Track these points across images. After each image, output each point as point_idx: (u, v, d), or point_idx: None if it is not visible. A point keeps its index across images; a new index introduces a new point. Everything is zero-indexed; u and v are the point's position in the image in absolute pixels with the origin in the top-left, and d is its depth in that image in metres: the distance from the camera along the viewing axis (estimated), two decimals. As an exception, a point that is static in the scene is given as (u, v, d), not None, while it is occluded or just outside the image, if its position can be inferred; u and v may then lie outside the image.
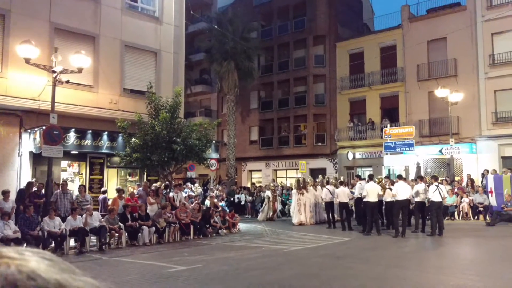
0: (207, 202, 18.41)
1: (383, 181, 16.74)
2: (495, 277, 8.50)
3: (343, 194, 16.83)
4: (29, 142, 16.36)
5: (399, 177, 15.71)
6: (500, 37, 24.95)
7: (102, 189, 16.86)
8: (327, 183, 19.80)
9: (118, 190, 15.37)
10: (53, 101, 13.50)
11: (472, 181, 22.00)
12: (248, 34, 31.58)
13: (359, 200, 16.74)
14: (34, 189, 14.39)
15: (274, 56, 34.78)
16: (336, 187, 17.96)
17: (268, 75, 35.08)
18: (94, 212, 13.35)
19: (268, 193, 22.01)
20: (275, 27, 34.97)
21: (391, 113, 29.06)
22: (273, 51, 34.69)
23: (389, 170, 24.22)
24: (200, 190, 22.11)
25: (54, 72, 13.37)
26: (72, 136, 16.30)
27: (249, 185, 30.63)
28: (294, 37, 33.70)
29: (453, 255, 11.84)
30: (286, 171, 34.21)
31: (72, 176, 18.11)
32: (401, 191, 14.68)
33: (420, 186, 15.40)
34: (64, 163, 17.69)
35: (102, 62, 18.42)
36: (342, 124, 30.91)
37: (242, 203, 25.01)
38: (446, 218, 18.13)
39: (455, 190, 20.32)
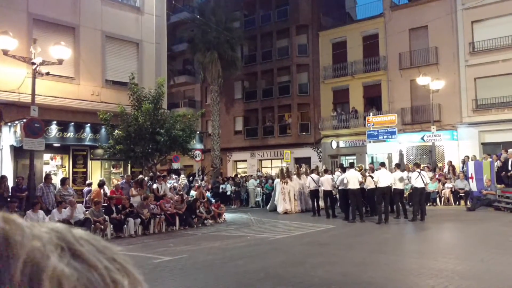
0: (193, 193, 18.40)
1: (363, 169, 16.99)
2: (475, 260, 8.71)
3: (327, 182, 16.99)
4: (9, 135, 16.12)
5: (382, 164, 15.91)
6: (480, 25, 25.24)
7: (87, 182, 16.73)
8: (311, 172, 19.93)
9: (100, 184, 15.30)
10: (33, 94, 13.30)
11: (453, 167, 22.37)
12: (231, 24, 31.36)
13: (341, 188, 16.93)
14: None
15: (257, 46, 34.66)
16: (321, 175, 18.10)
17: (251, 65, 34.98)
18: (78, 205, 13.26)
19: (277, 181, 21.13)
20: (258, 17, 34.82)
21: (374, 102, 29.29)
22: (256, 41, 34.57)
23: (372, 158, 24.48)
24: (185, 181, 22.06)
25: (33, 63, 13.16)
26: (54, 129, 16.09)
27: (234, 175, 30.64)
28: (277, 26, 33.61)
29: (435, 239, 12.09)
30: (271, 161, 34.30)
31: (55, 169, 17.92)
32: (382, 178, 14.89)
33: (404, 173, 15.62)
34: (46, 156, 17.48)
35: (83, 53, 18.17)
36: (326, 113, 31.06)
37: (228, 193, 25.07)
38: (428, 204, 18.45)
39: (437, 176, 20.66)
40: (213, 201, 18.52)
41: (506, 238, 11.22)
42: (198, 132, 20.65)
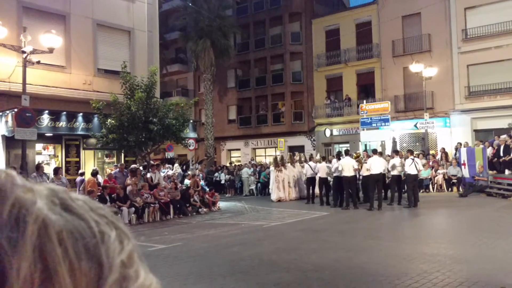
0: (187, 181, 18.40)
1: (361, 156, 17.02)
2: (466, 244, 8.81)
3: (322, 170, 17.07)
4: (1, 125, 16.00)
5: (374, 151, 15.95)
6: (472, 11, 25.24)
7: (80, 171, 16.68)
8: (309, 159, 19.94)
9: (94, 173, 15.25)
10: (24, 83, 13.17)
11: (446, 154, 22.52)
12: (223, 11, 31.13)
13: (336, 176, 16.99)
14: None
15: (250, 33, 34.46)
16: (319, 162, 18.13)
17: (244, 53, 34.81)
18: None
19: (272, 169, 21.38)
20: (251, 4, 34.56)
21: (367, 89, 29.33)
22: (249, 29, 34.36)
23: (365, 145, 24.55)
24: (179, 170, 22.02)
25: (24, 52, 13.01)
26: (45, 118, 15.99)
27: (228, 164, 30.66)
28: (270, 14, 33.40)
29: (427, 225, 12.20)
30: (265, 150, 34.35)
31: (47, 158, 17.82)
32: (374, 165, 14.94)
33: (396, 160, 15.71)
34: (38, 146, 17.38)
35: (74, 41, 17.98)
36: (319, 101, 31.07)
37: (222, 182, 25.11)
38: (421, 191, 18.59)
39: (430, 163, 20.79)
40: (207, 189, 18.53)
41: (497, 223, 11.35)
42: (191, 121, 20.60)
